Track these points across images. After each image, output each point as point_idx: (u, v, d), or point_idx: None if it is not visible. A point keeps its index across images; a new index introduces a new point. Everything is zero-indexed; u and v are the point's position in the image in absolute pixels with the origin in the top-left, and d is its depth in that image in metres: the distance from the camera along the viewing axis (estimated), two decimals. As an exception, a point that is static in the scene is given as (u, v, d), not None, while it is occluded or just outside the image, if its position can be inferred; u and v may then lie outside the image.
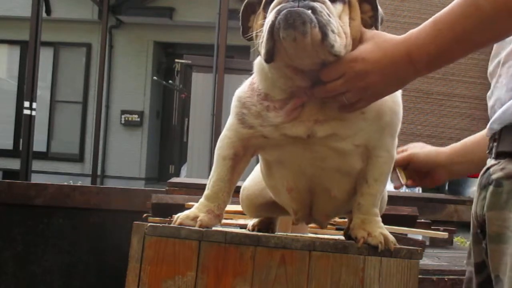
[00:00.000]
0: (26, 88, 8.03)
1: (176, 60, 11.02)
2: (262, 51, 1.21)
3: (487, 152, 1.30)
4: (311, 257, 1.32)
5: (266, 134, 1.34)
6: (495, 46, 1.30)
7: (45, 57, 11.18)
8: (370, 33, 1.24)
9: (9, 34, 12.38)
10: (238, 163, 1.41)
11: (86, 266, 3.67)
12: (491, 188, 1.19)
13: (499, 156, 1.20)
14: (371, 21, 1.30)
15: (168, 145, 13.43)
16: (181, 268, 1.33)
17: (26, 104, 7.77)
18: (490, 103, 1.28)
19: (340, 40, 1.18)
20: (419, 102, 3.56)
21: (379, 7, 1.31)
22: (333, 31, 1.17)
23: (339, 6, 1.24)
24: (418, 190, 10.48)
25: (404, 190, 10.22)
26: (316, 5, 1.18)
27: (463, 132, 3.35)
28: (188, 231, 1.35)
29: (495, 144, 1.23)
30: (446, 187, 12.66)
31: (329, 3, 1.21)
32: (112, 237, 3.52)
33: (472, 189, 10.35)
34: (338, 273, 1.31)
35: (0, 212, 3.69)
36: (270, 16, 1.19)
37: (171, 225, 1.40)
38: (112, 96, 12.63)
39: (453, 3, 1.10)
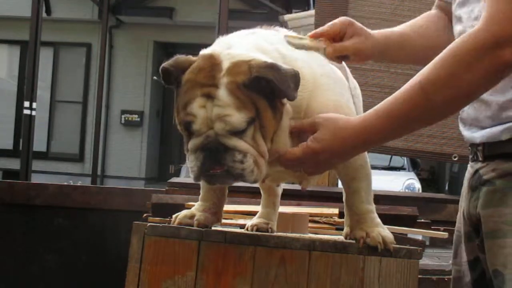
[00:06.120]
0: (26, 88, 8.01)
1: (176, 60, 11.00)
2: (191, 175, 1.25)
3: (470, 157, 1.37)
4: (311, 257, 1.32)
5: None
6: None
7: (45, 57, 11.18)
8: (320, 117, 1.26)
9: (9, 34, 12.39)
10: None
11: (86, 266, 3.66)
12: (484, 188, 1.26)
13: (487, 158, 1.27)
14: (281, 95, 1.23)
15: (168, 145, 13.43)
16: (181, 268, 1.33)
17: (26, 104, 7.74)
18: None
19: (257, 169, 1.23)
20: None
21: (277, 79, 1.20)
22: (251, 171, 1.22)
23: (249, 131, 1.22)
24: (418, 190, 10.47)
25: (403, 190, 10.19)
26: (228, 161, 1.19)
27: (463, 132, 3.36)
28: (187, 231, 1.35)
29: (479, 148, 1.30)
30: (446, 187, 12.62)
31: (239, 143, 1.20)
32: (112, 237, 3.51)
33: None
34: (338, 273, 1.32)
35: (0, 212, 3.69)
36: (192, 161, 1.22)
37: (171, 225, 1.40)
38: (112, 96, 12.63)
39: (402, 91, 1.19)
